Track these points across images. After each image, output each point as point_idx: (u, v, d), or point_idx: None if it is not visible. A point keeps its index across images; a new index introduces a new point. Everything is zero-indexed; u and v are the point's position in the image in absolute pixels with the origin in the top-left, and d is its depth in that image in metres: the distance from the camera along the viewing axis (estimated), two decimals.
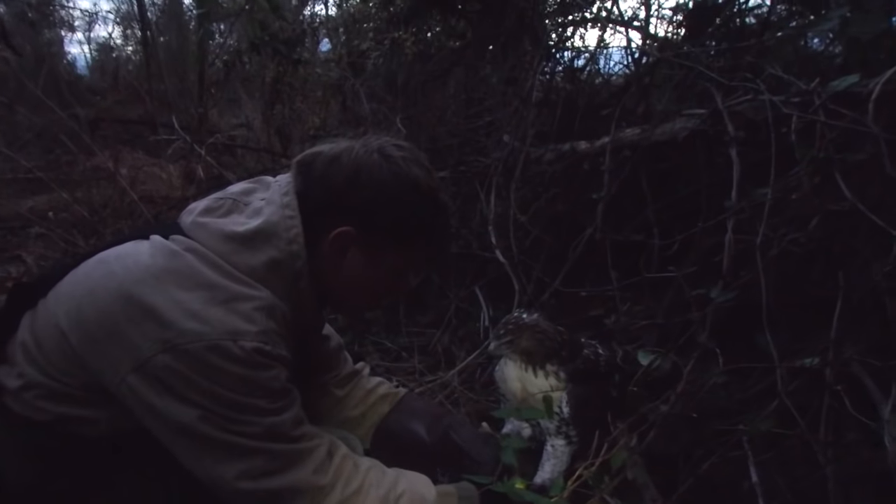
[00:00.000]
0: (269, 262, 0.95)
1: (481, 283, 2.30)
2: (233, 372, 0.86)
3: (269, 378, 0.90)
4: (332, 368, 1.37)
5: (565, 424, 1.32)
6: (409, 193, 0.99)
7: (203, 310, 0.87)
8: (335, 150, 1.01)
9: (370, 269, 1.03)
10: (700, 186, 1.80)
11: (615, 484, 1.22)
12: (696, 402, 1.35)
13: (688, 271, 1.58)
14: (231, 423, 0.88)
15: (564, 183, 2.30)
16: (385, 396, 1.38)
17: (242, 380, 0.87)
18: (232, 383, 0.87)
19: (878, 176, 1.31)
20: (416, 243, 1.04)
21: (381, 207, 0.98)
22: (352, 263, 1.01)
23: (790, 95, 1.60)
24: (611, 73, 2.88)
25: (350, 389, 1.37)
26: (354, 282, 1.04)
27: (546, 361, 1.36)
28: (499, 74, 2.71)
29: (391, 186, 0.98)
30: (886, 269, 1.23)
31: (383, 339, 2.24)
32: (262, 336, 0.89)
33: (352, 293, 1.07)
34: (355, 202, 0.98)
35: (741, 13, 2.33)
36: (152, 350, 0.85)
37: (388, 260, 1.03)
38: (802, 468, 1.25)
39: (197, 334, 0.85)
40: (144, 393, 0.86)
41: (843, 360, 1.24)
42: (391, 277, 1.07)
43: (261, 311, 0.91)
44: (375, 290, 1.09)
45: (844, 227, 1.42)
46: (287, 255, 0.96)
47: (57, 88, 6.71)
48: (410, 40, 2.92)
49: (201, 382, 0.85)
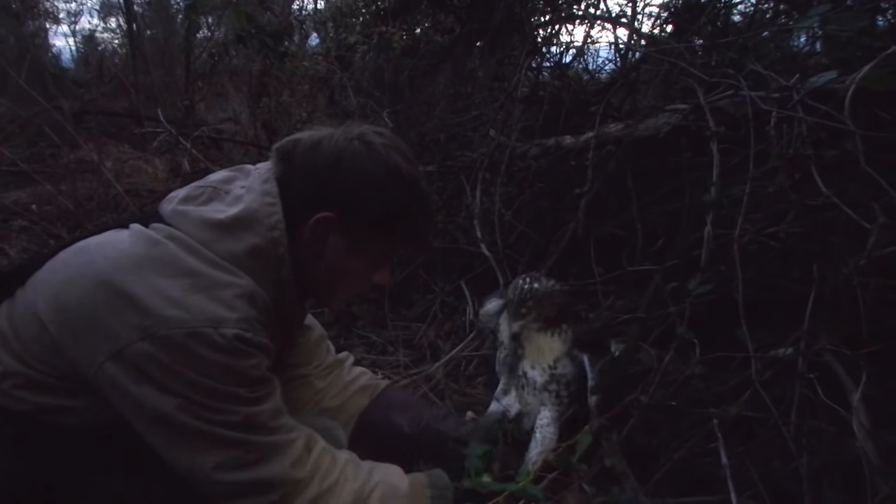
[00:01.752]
0: (250, 248, 0.95)
1: (467, 277, 2.32)
2: (213, 359, 0.86)
3: (249, 366, 0.90)
4: (313, 359, 1.37)
5: (555, 382, 1.33)
6: (389, 180, 0.99)
7: (183, 297, 0.87)
8: (315, 137, 1.01)
9: (351, 255, 1.03)
10: (683, 182, 1.83)
11: (594, 471, 1.24)
12: (674, 392, 1.36)
13: (667, 265, 1.60)
14: (209, 412, 0.88)
15: (549, 178, 2.31)
16: (365, 388, 1.38)
17: (222, 368, 0.87)
18: (212, 371, 0.87)
19: (853, 171, 1.34)
20: (397, 230, 1.05)
21: (362, 194, 0.99)
22: (333, 250, 1.01)
23: (770, 91, 1.62)
24: (598, 70, 2.90)
25: (330, 381, 1.37)
26: (336, 269, 1.04)
27: (559, 324, 1.37)
28: (486, 70, 2.72)
29: (372, 173, 0.99)
30: (861, 262, 1.25)
31: (369, 332, 2.25)
32: (243, 323, 0.89)
33: (334, 281, 1.07)
34: (336, 189, 0.98)
35: (727, 10, 2.35)
36: (131, 337, 0.85)
37: (368, 247, 1.04)
38: (777, 457, 1.28)
39: (177, 321, 0.85)
40: (121, 381, 0.86)
41: (816, 350, 1.26)
42: (372, 265, 1.07)
43: (242, 299, 0.91)
44: (357, 278, 1.08)
45: (821, 221, 1.44)
46: (268, 242, 0.96)
47: (41, 80, 6.64)
48: (398, 35, 2.92)
49: (180, 370, 0.85)
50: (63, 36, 13.63)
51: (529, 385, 1.40)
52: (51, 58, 8.73)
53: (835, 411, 1.20)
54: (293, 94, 3.62)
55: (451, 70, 3.07)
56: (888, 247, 1.26)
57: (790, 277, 1.56)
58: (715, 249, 1.52)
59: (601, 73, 2.89)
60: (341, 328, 2.28)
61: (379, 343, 2.18)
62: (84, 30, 9.53)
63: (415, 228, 1.08)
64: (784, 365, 1.29)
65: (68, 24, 9.62)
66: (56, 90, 6.41)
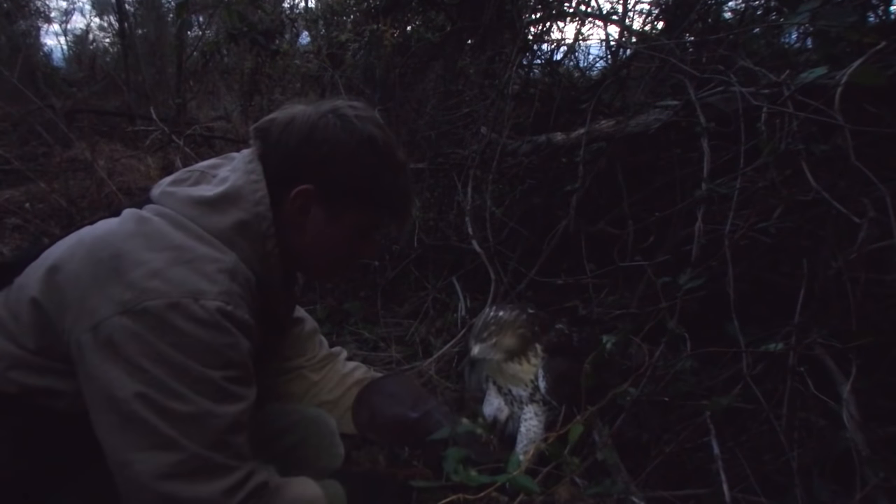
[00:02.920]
0: (236, 223, 0.96)
1: (458, 274, 2.32)
2: (190, 332, 0.85)
3: (226, 344, 0.88)
4: (305, 352, 1.37)
5: (539, 393, 1.34)
6: (363, 149, 1.00)
7: (166, 269, 0.86)
8: (290, 114, 1.03)
9: (332, 226, 1.03)
10: (674, 178, 1.83)
11: (586, 465, 1.24)
12: (665, 386, 1.37)
13: (658, 260, 1.61)
14: (166, 398, 0.84)
15: (540, 175, 2.32)
16: (360, 382, 1.38)
17: (198, 342, 0.85)
18: (187, 345, 0.85)
19: (843, 167, 1.34)
20: (374, 199, 1.05)
21: (338, 164, 1.00)
22: (314, 222, 1.02)
23: (760, 87, 1.63)
24: (588, 67, 2.91)
25: (325, 374, 1.37)
26: (318, 241, 1.04)
27: (527, 349, 1.38)
28: (477, 67, 2.72)
29: (346, 143, 1.00)
30: (851, 257, 1.26)
31: (361, 329, 2.24)
32: (225, 296, 0.88)
33: (318, 254, 1.07)
34: (312, 160, 0.99)
35: (717, 7, 2.36)
36: (110, 311, 0.84)
37: (347, 217, 1.04)
38: (768, 450, 1.28)
39: (158, 293, 0.84)
40: (89, 355, 0.85)
41: (806, 344, 1.27)
42: (354, 236, 1.07)
43: (224, 273, 0.91)
44: (340, 250, 1.08)
45: (811, 216, 1.45)
46: (254, 217, 0.97)
47: (32, 79, 6.60)
48: (390, 32, 2.91)
49: (154, 344, 0.83)
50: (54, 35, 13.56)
51: (517, 400, 1.42)
52: (42, 57, 8.69)
53: (825, 404, 1.21)
54: (284, 91, 3.62)
55: (442, 67, 3.07)
56: (878, 241, 1.27)
57: (781, 272, 1.57)
58: (706, 245, 1.53)
59: (592, 70, 2.90)
60: (333, 325, 2.27)
61: (371, 339, 2.18)
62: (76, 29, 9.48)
63: (391, 197, 1.07)
64: (775, 359, 1.30)
65: (59, 23, 9.57)
66: (47, 89, 6.38)
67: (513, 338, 1.37)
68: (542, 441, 1.26)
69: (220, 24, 5.30)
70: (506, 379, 1.42)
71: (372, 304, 2.38)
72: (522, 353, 1.38)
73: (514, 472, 1.19)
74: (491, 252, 2.10)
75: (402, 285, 2.52)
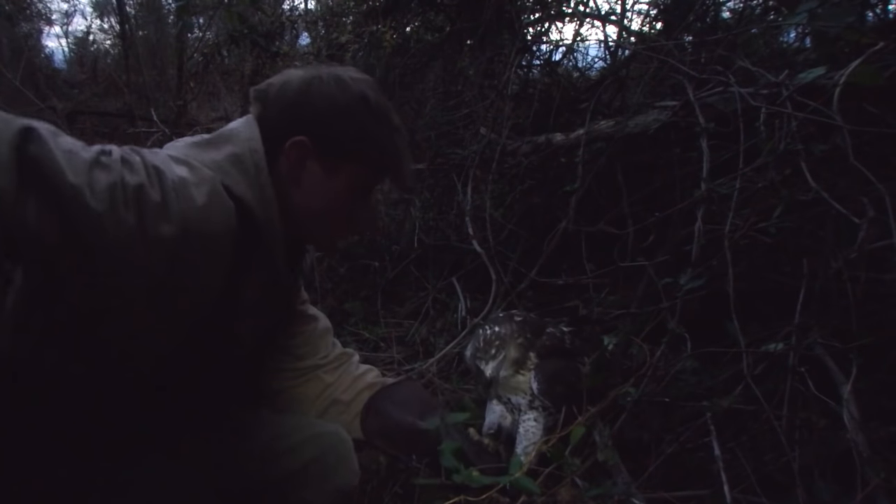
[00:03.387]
0: (230, 155, 0.97)
1: (458, 274, 2.32)
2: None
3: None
4: (319, 350, 1.36)
5: (537, 399, 1.34)
6: (357, 106, 1.03)
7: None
8: (286, 76, 1.06)
9: (328, 182, 1.04)
10: (674, 178, 1.83)
11: (586, 466, 1.24)
12: (665, 387, 1.37)
13: (658, 260, 1.61)
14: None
15: (540, 175, 2.32)
16: (371, 386, 1.37)
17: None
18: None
19: (842, 166, 1.34)
20: (367, 156, 1.05)
21: (332, 118, 1.02)
22: (311, 176, 1.03)
23: (759, 88, 1.63)
24: (587, 67, 2.91)
25: (340, 375, 1.37)
26: (316, 197, 1.05)
27: (525, 359, 1.39)
28: (476, 68, 2.72)
29: (340, 99, 1.02)
30: (851, 256, 1.26)
31: (361, 329, 2.24)
32: (178, 183, 0.87)
33: (316, 211, 1.06)
34: (307, 114, 1.02)
35: (716, 7, 2.36)
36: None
37: (344, 172, 1.04)
38: (769, 450, 1.28)
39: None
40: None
41: (807, 344, 1.27)
42: (350, 193, 1.06)
43: (196, 178, 0.90)
44: (337, 207, 1.08)
45: (811, 216, 1.45)
46: (246, 150, 0.98)
47: (34, 81, 6.62)
48: (389, 33, 2.92)
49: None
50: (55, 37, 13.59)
51: (517, 408, 1.42)
52: (43, 59, 8.71)
53: (826, 404, 1.21)
54: None
55: (442, 68, 3.07)
56: (878, 241, 1.27)
57: (781, 272, 1.57)
58: (706, 245, 1.53)
59: (591, 70, 2.91)
60: (334, 325, 2.26)
61: (371, 339, 2.18)
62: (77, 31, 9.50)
63: (384, 155, 1.08)
64: (775, 359, 1.30)
65: (61, 25, 9.60)
66: (49, 90, 6.39)
67: (516, 350, 1.38)
68: (544, 442, 1.27)
69: (221, 26, 5.31)
70: (505, 389, 1.42)
71: (372, 305, 2.39)
72: (523, 363, 1.39)
73: (515, 473, 1.19)
74: (491, 252, 2.10)
75: (403, 285, 2.52)
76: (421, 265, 2.51)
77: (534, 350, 1.39)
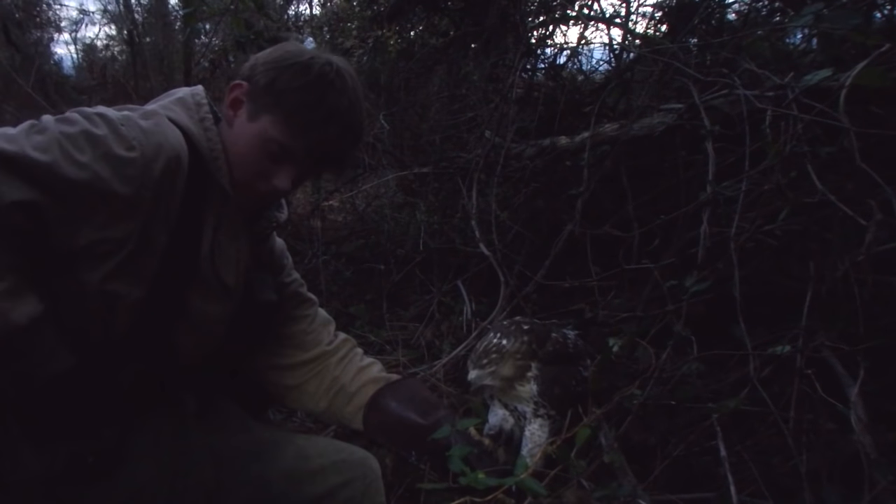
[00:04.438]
0: (174, 99, 1.07)
1: (463, 277, 2.32)
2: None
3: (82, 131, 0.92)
4: (323, 338, 1.39)
5: (541, 406, 1.34)
6: (298, 67, 1.07)
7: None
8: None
9: (248, 127, 1.08)
10: (679, 181, 1.83)
11: (592, 468, 1.23)
12: (671, 389, 1.36)
13: (664, 263, 1.60)
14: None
15: (545, 178, 2.32)
16: (376, 381, 1.38)
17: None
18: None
19: (849, 168, 1.34)
20: (291, 113, 1.07)
21: (270, 70, 1.07)
22: (240, 120, 1.09)
23: (764, 90, 1.63)
24: (592, 70, 2.91)
25: (345, 365, 1.39)
26: (238, 139, 1.09)
27: (525, 371, 1.38)
28: (481, 71, 2.72)
29: (288, 58, 1.08)
30: (859, 258, 1.25)
31: (367, 332, 2.25)
32: (123, 119, 0.95)
33: (235, 153, 1.09)
34: (256, 65, 1.09)
35: (721, 9, 2.36)
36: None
37: (262, 121, 1.07)
38: (776, 454, 1.27)
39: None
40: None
41: (814, 347, 1.26)
42: (259, 144, 1.08)
43: (138, 114, 0.99)
44: (250, 157, 1.09)
45: (817, 218, 1.44)
46: (189, 94, 1.09)
47: (44, 88, 6.66)
48: (394, 38, 2.92)
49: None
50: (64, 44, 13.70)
51: (522, 416, 1.42)
52: (53, 65, 8.76)
53: (833, 407, 1.20)
54: None
55: (446, 72, 3.08)
56: (885, 243, 1.26)
57: (787, 275, 1.56)
58: (711, 247, 1.52)
59: (595, 73, 2.90)
60: (339, 328, 2.27)
61: (377, 343, 2.18)
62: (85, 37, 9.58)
63: (298, 115, 1.07)
64: (782, 361, 1.29)
65: (69, 32, 9.67)
66: (58, 97, 6.43)
67: (511, 368, 1.37)
68: (549, 444, 1.26)
69: (227, 32, 5.33)
70: (509, 398, 1.42)
71: (377, 308, 2.39)
72: (521, 376, 1.39)
73: (521, 474, 1.18)
74: (498, 255, 2.10)
75: (408, 289, 2.52)
76: (426, 268, 2.51)
77: (536, 359, 1.38)
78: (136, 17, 7.89)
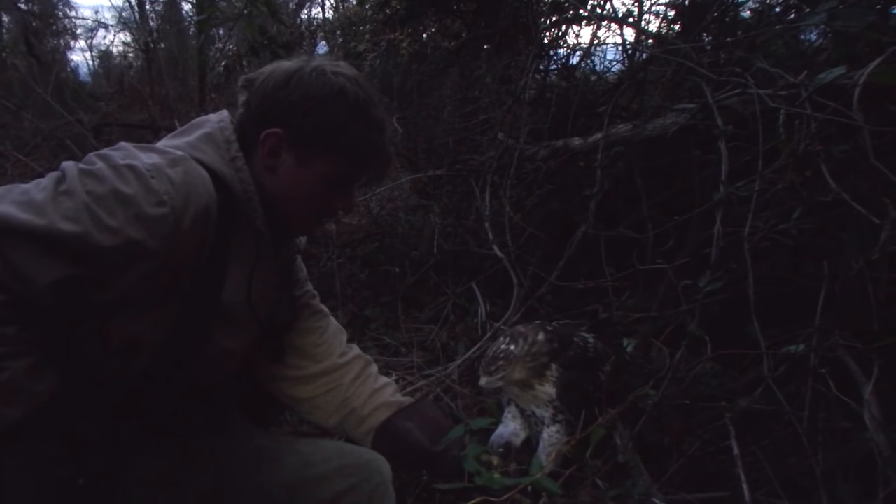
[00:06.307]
0: (201, 135, 1.03)
1: (478, 279, 2.33)
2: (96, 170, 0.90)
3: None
4: (335, 349, 1.37)
5: (560, 412, 1.35)
6: (333, 99, 1.05)
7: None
8: (273, 68, 1.09)
9: (301, 173, 1.07)
10: (693, 181, 1.83)
11: (607, 468, 1.24)
12: (686, 389, 1.37)
13: (678, 263, 1.60)
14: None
15: (558, 179, 2.32)
16: (389, 406, 1.37)
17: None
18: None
19: (863, 167, 1.33)
20: (344, 149, 1.07)
21: (307, 111, 1.05)
22: (285, 167, 1.07)
23: (778, 89, 1.62)
24: (605, 70, 2.91)
25: (358, 386, 1.37)
26: (289, 187, 1.08)
27: (545, 371, 1.39)
28: (493, 73, 2.74)
29: (316, 90, 1.05)
30: (873, 257, 1.25)
31: (382, 334, 2.26)
32: (152, 168, 0.92)
33: (290, 200, 1.09)
34: (284, 105, 1.05)
35: (735, 8, 2.35)
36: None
37: (317, 165, 1.07)
38: (791, 453, 1.27)
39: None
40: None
41: (828, 346, 1.26)
42: (323, 185, 1.09)
43: (164, 157, 0.95)
44: (310, 198, 1.10)
45: (831, 217, 1.44)
46: (216, 129, 1.04)
47: (60, 95, 6.76)
48: (406, 41, 2.95)
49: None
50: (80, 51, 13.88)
51: (540, 421, 1.42)
52: (69, 72, 8.90)
53: (847, 406, 1.20)
54: None
55: (459, 74, 3.09)
56: None
57: (801, 274, 1.56)
58: (725, 247, 1.52)
59: (608, 73, 2.89)
60: (354, 330, 2.30)
61: (392, 345, 2.20)
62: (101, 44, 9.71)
63: (360, 147, 1.09)
64: (796, 361, 1.29)
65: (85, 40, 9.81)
66: (74, 104, 6.52)
67: (522, 371, 1.37)
68: (564, 444, 1.27)
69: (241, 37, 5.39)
70: (527, 401, 1.42)
71: (392, 310, 2.41)
72: (540, 375, 1.39)
73: (536, 474, 1.20)
74: (511, 257, 2.11)
75: (423, 291, 2.54)
76: (440, 271, 2.53)
77: (558, 361, 1.39)
78: (151, 24, 7.98)
